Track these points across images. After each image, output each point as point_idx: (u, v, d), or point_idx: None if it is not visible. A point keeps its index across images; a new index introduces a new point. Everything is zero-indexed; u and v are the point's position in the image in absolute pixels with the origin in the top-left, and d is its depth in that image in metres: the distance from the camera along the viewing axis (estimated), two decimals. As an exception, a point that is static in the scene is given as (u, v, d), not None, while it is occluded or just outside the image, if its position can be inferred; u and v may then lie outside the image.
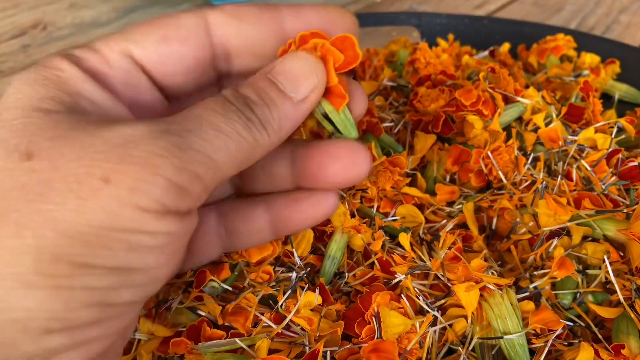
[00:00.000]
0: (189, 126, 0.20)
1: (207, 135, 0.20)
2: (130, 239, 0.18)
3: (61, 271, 0.17)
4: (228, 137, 0.20)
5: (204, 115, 0.20)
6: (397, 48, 0.51)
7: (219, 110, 0.21)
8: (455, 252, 0.30)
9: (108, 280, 0.18)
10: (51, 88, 0.21)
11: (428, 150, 0.38)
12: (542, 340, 0.28)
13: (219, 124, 0.20)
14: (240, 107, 0.21)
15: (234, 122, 0.21)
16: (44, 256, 0.17)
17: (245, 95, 0.22)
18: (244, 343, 0.27)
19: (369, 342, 0.27)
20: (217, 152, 0.20)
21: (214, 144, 0.20)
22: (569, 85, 0.47)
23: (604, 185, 0.35)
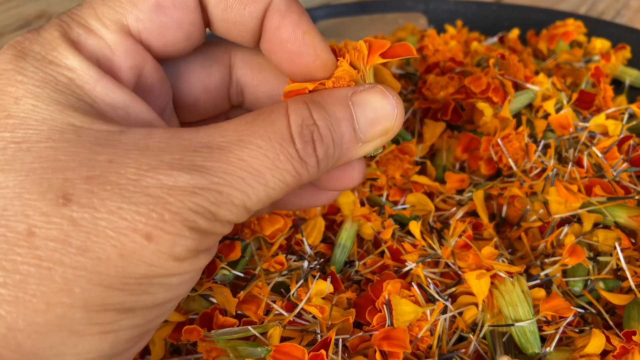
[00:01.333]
0: (228, 178, 0.19)
1: (249, 189, 0.19)
2: (169, 282, 0.19)
3: (108, 319, 0.18)
4: (272, 189, 0.19)
5: (251, 161, 0.19)
6: (404, 35, 0.51)
7: (269, 155, 0.19)
8: (465, 240, 0.30)
9: (148, 316, 0.19)
10: (67, 95, 0.19)
11: (437, 138, 0.38)
12: (553, 328, 0.28)
13: (265, 176, 0.19)
14: (302, 148, 0.19)
15: (283, 173, 0.19)
16: (92, 308, 0.17)
17: (315, 124, 0.20)
18: (257, 331, 0.27)
19: (380, 330, 0.27)
20: (256, 204, 0.19)
21: (255, 197, 0.19)
22: (579, 71, 0.46)
23: (615, 171, 0.35)
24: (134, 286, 0.18)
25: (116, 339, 0.18)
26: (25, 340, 0.17)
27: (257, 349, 0.26)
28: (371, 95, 0.21)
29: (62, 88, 0.19)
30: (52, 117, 0.19)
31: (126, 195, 0.18)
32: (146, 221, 0.18)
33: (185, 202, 0.18)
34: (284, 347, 0.26)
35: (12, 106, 0.19)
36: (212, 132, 0.20)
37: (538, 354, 0.28)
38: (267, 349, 0.26)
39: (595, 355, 0.27)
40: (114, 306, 0.18)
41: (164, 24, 0.22)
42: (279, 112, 0.20)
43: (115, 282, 0.18)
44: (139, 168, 0.18)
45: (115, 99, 0.20)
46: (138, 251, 0.18)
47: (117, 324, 0.18)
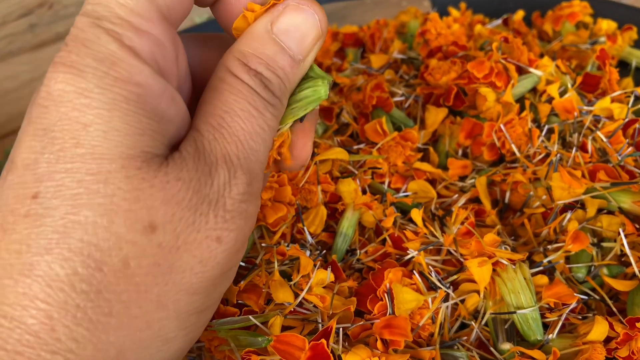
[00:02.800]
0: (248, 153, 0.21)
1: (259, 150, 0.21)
2: (230, 274, 0.22)
3: (192, 321, 0.20)
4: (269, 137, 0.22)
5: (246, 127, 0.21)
6: (407, 19, 0.50)
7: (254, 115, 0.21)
8: (468, 227, 0.30)
9: (214, 309, 0.22)
10: (139, 116, 0.18)
11: (440, 124, 0.38)
12: (555, 314, 0.28)
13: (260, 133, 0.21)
14: (266, 96, 0.21)
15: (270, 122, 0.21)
16: (181, 316, 0.20)
17: (260, 74, 0.21)
18: (258, 320, 0.27)
19: (382, 319, 0.27)
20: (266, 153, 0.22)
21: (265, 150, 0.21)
22: (585, 53, 0.45)
23: (620, 156, 0.34)
24: (210, 287, 0.20)
25: (195, 336, 0.21)
26: (130, 355, 0.19)
27: (257, 339, 0.26)
28: (288, 17, 0.21)
29: (133, 108, 0.18)
30: (123, 144, 0.18)
31: (195, 208, 0.19)
32: (216, 225, 0.20)
33: (234, 196, 0.20)
34: (284, 337, 0.26)
35: (80, 133, 0.18)
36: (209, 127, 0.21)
37: (540, 341, 0.28)
38: (267, 338, 0.26)
39: (599, 342, 0.27)
40: (197, 309, 0.20)
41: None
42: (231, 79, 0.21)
43: (197, 288, 0.20)
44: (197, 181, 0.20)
45: (172, 116, 0.20)
46: (213, 255, 0.20)
47: (198, 324, 0.21)
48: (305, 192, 0.33)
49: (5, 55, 0.67)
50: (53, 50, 0.66)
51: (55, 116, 0.18)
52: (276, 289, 0.28)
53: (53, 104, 0.18)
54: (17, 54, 0.66)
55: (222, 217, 0.20)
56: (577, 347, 0.27)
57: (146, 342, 0.19)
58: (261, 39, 0.21)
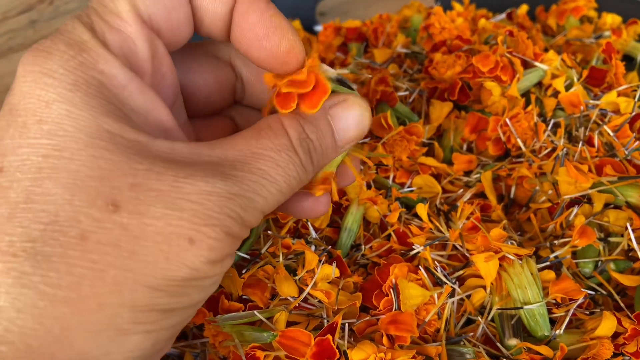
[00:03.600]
0: (255, 187, 0.21)
1: (269, 196, 0.21)
2: (203, 284, 0.20)
3: (152, 319, 0.19)
4: (282, 194, 0.22)
5: (268, 170, 0.21)
6: (410, 13, 0.50)
7: (281, 165, 0.22)
8: (474, 222, 0.30)
9: (184, 315, 0.21)
10: (99, 99, 0.19)
11: (444, 118, 0.37)
12: (563, 310, 0.28)
13: (279, 182, 0.21)
14: (303, 157, 0.22)
15: (291, 179, 0.22)
16: (138, 308, 0.19)
17: (309, 138, 0.23)
18: (263, 315, 0.27)
19: (387, 314, 0.27)
20: (271, 208, 0.22)
21: (272, 202, 0.21)
22: (590, 47, 0.45)
23: (627, 150, 0.34)
24: (176, 288, 0.19)
25: (157, 337, 0.20)
26: (77, 339, 0.18)
27: (263, 334, 0.26)
28: (343, 108, 0.24)
29: (93, 91, 0.19)
30: (87, 124, 0.19)
31: (169, 201, 0.19)
32: (189, 226, 0.19)
33: (223, 207, 0.19)
34: (290, 332, 0.26)
35: (43, 110, 0.18)
36: (226, 147, 0.21)
37: (548, 337, 0.27)
38: (273, 334, 0.26)
39: (606, 338, 0.27)
40: (158, 307, 0.19)
41: (167, 4, 0.22)
42: (278, 128, 0.22)
43: (160, 284, 0.19)
44: (176, 176, 0.19)
45: (138, 103, 0.21)
46: (182, 255, 0.19)
47: (159, 323, 0.19)
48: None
49: (6, 51, 0.67)
50: (54, 46, 0.66)
51: (19, 95, 0.19)
52: (281, 283, 0.28)
53: (18, 85, 0.19)
54: (17, 50, 0.66)
55: (200, 220, 0.19)
56: (584, 343, 0.27)
57: (96, 327, 0.18)
58: (320, 115, 0.23)
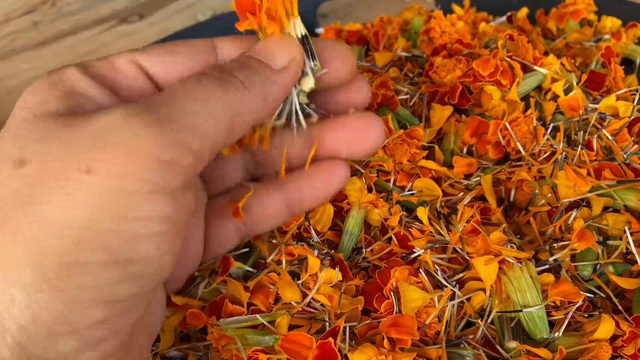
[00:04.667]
0: (164, 101, 0.20)
1: (183, 104, 0.20)
2: (123, 228, 0.18)
3: (57, 274, 0.17)
4: (205, 100, 0.20)
5: (179, 88, 0.21)
6: (411, 16, 0.50)
7: (193, 81, 0.21)
8: (474, 225, 0.30)
9: (104, 276, 0.18)
10: (52, 91, 0.21)
11: (445, 122, 0.38)
12: (562, 313, 0.28)
13: (193, 92, 0.20)
14: (216, 74, 0.22)
15: (208, 87, 0.21)
16: (39, 260, 0.17)
17: (222, 66, 0.23)
18: (265, 319, 0.27)
19: (388, 317, 0.27)
20: (196, 117, 0.19)
21: (191, 109, 0.20)
22: (589, 51, 0.45)
23: (626, 154, 0.34)
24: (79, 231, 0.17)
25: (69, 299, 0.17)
26: None
27: (265, 337, 0.26)
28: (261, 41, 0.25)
29: (50, 87, 0.21)
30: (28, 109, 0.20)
31: (68, 141, 0.18)
32: (87, 156, 0.18)
33: (126, 128, 0.18)
34: (292, 336, 0.26)
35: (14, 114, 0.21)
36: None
37: (547, 339, 0.28)
38: (275, 337, 0.26)
39: (605, 340, 0.27)
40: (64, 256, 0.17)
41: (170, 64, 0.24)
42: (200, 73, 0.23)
43: (60, 225, 0.17)
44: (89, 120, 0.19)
45: (97, 96, 0.22)
46: (80, 186, 0.17)
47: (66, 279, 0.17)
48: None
49: (8, 52, 0.67)
50: (56, 48, 0.66)
51: None
52: (284, 289, 0.28)
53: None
54: (20, 52, 0.66)
55: (100, 148, 0.18)
56: (583, 345, 0.27)
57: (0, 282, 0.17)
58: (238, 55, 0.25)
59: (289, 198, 0.28)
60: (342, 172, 0.28)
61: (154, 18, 0.68)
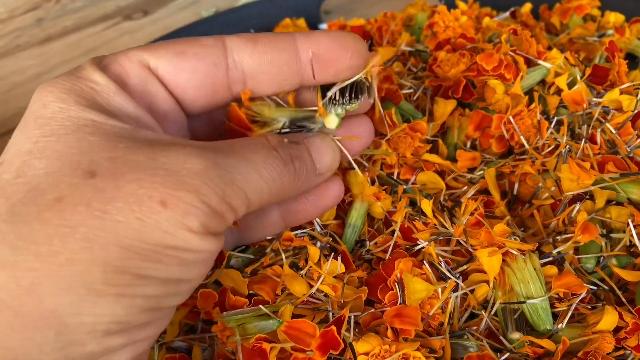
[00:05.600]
0: (235, 163, 0.22)
1: (250, 178, 0.22)
2: (181, 255, 0.20)
3: (125, 281, 0.19)
4: (265, 182, 0.23)
5: (250, 156, 0.23)
6: (414, 11, 0.50)
7: (263, 157, 0.23)
8: (478, 217, 0.30)
9: (162, 289, 0.20)
10: (90, 100, 0.22)
11: (448, 116, 0.38)
12: (565, 304, 0.28)
13: (261, 169, 0.23)
14: (284, 157, 0.24)
15: (274, 169, 0.23)
16: (110, 268, 0.19)
17: (289, 147, 0.25)
18: (268, 309, 0.27)
19: (392, 308, 0.27)
20: (253, 193, 0.22)
21: (254, 186, 0.22)
22: (593, 46, 0.45)
23: (629, 147, 0.34)
24: (149, 252, 0.19)
25: (131, 304, 0.20)
26: (46, 294, 0.18)
27: (269, 322, 0.26)
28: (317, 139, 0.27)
29: (85, 95, 0.22)
30: (75, 115, 0.21)
31: (143, 169, 0.20)
32: (163, 189, 0.20)
33: (199, 176, 0.20)
34: (295, 323, 0.26)
35: (41, 110, 0.22)
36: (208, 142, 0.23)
37: (550, 331, 0.28)
38: (279, 321, 0.26)
39: (608, 332, 0.27)
40: (130, 269, 0.19)
41: (179, 67, 0.25)
42: (260, 137, 0.25)
43: (132, 245, 0.19)
44: (155, 150, 0.21)
45: (130, 109, 0.23)
46: (154, 216, 0.19)
47: (133, 288, 0.19)
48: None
49: (13, 49, 0.67)
50: (60, 45, 0.66)
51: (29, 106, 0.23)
52: (291, 283, 0.28)
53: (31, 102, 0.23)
54: (24, 49, 0.67)
55: (174, 185, 0.20)
56: (586, 337, 0.27)
57: (65, 282, 0.18)
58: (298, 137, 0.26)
59: (284, 210, 0.30)
60: (336, 190, 0.30)
61: (158, 15, 0.68)
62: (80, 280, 0.18)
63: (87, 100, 0.22)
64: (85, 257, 0.18)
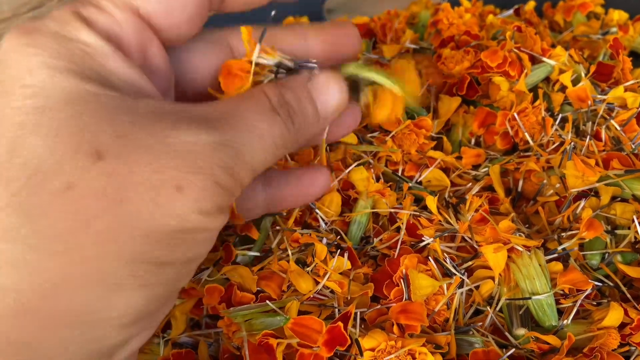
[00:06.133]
0: (241, 138, 0.21)
1: (256, 150, 0.22)
2: (196, 237, 0.20)
3: (144, 271, 0.19)
4: (270, 153, 0.22)
5: (254, 124, 0.22)
6: (418, 9, 0.50)
7: (265, 120, 0.22)
8: (483, 214, 0.30)
9: (178, 272, 0.20)
10: (83, 67, 0.20)
11: (453, 113, 0.38)
12: (570, 301, 0.29)
13: (265, 138, 0.22)
14: (284, 118, 0.23)
15: (276, 137, 0.23)
16: (128, 260, 0.18)
17: (289, 103, 0.23)
18: (275, 305, 0.27)
19: (398, 304, 0.27)
20: (258, 164, 0.22)
21: (259, 157, 0.22)
22: (596, 44, 0.45)
23: (634, 144, 0.34)
24: (167, 239, 0.19)
25: (151, 293, 0.19)
26: (62, 294, 0.17)
27: (276, 318, 0.26)
28: (324, 78, 0.25)
29: (77, 60, 0.20)
30: (69, 85, 0.19)
31: (154, 151, 0.19)
32: (177, 174, 0.19)
33: (210, 157, 0.20)
34: (302, 320, 0.26)
35: (26, 77, 0.19)
36: (209, 107, 0.22)
37: (555, 327, 0.28)
38: (286, 317, 0.26)
39: (613, 328, 0.27)
40: (149, 259, 0.19)
41: (170, 6, 0.23)
42: (259, 93, 0.23)
43: (149, 233, 0.18)
44: (162, 128, 0.19)
45: (125, 74, 0.21)
46: (170, 203, 0.18)
47: (153, 277, 0.19)
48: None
49: (16, 47, 0.67)
50: (63, 43, 0.66)
51: (4, 66, 0.20)
52: (297, 280, 0.28)
53: (3, 57, 0.20)
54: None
55: (188, 168, 0.19)
56: (591, 333, 0.28)
57: (81, 281, 0.17)
58: (299, 84, 0.24)
59: (270, 194, 0.29)
60: (323, 180, 0.30)
61: (161, 13, 0.68)
62: (100, 277, 0.18)
63: (80, 67, 0.20)
64: (102, 252, 0.18)
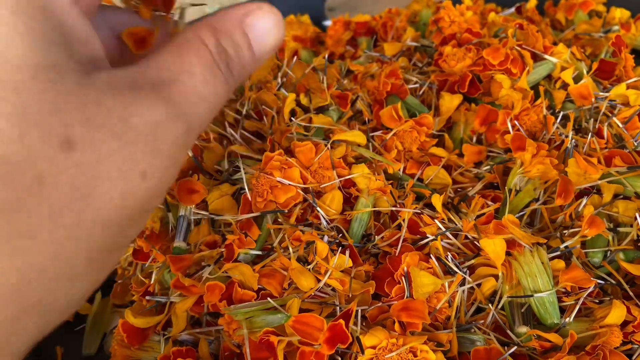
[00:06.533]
0: (192, 108, 0.21)
1: (204, 118, 0.21)
2: (148, 214, 0.21)
3: (101, 260, 0.19)
4: (213, 111, 0.22)
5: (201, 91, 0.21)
6: (419, 8, 0.50)
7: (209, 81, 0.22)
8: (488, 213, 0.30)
9: (121, 254, 0.21)
10: (45, 25, 0.18)
11: (454, 111, 0.38)
12: (572, 298, 0.28)
13: (210, 99, 0.22)
14: (225, 71, 0.23)
15: (220, 97, 0.22)
16: (93, 250, 0.18)
17: (226, 51, 0.23)
18: (276, 303, 0.27)
19: (399, 301, 0.27)
20: (203, 125, 0.22)
21: (205, 122, 0.22)
22: (598, 42, 0.45)
23: (636, 142, 0.34)
24: (129, 221, 0.19)
25: (99, 279, 0.19)
26: (31, 289, 0.17)
27: (277, 316, 0.26)
28: (260, 17, 0.24)
29: (38, 16, 0.18)
30: (32, 54, 0.17)
31: (121, 137, 0.18)
32: (142, 159, 0.19)
33: (169, 136, 0.19)
34: (303, 317, 0.26)
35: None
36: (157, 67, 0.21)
37: (557, 325, 0.28)
38: (287, 314, 0.26)
39: (615, 326, 0.27)
40: (109, 246, 0.19)
41: None
42: (197, 42, 0.22)
43: (114, 221, 0.18)
44: (124, 105, 0.19)
45: (80, 32, 0.20)
46: (135, 190, 0.18)
47: (105, 264, 0.19)
48: (319, 176, 0.33)
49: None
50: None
51: None
52: (298, 277, 0.28)
53: None
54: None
55: (151, 152, 0.19)
56: (594, 331, 0.27)
57: (53, 274, 0.17)
58: (234, 26, 0.23)
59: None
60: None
61: (162, 11, 0.68)
62: (65, 270, 0.18)
63: (41, 26, 0.18)
64: (71, 246, 0.18)
